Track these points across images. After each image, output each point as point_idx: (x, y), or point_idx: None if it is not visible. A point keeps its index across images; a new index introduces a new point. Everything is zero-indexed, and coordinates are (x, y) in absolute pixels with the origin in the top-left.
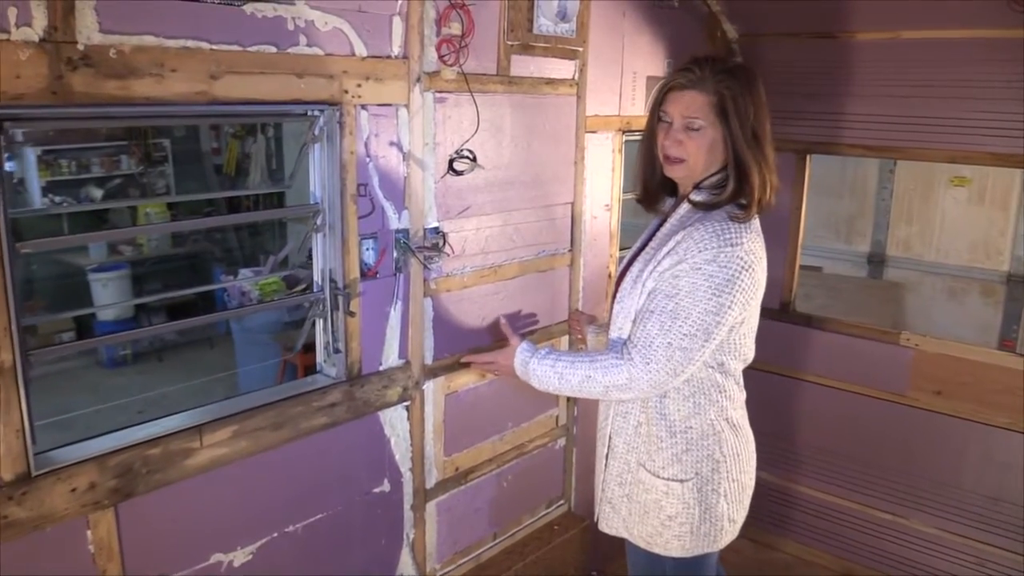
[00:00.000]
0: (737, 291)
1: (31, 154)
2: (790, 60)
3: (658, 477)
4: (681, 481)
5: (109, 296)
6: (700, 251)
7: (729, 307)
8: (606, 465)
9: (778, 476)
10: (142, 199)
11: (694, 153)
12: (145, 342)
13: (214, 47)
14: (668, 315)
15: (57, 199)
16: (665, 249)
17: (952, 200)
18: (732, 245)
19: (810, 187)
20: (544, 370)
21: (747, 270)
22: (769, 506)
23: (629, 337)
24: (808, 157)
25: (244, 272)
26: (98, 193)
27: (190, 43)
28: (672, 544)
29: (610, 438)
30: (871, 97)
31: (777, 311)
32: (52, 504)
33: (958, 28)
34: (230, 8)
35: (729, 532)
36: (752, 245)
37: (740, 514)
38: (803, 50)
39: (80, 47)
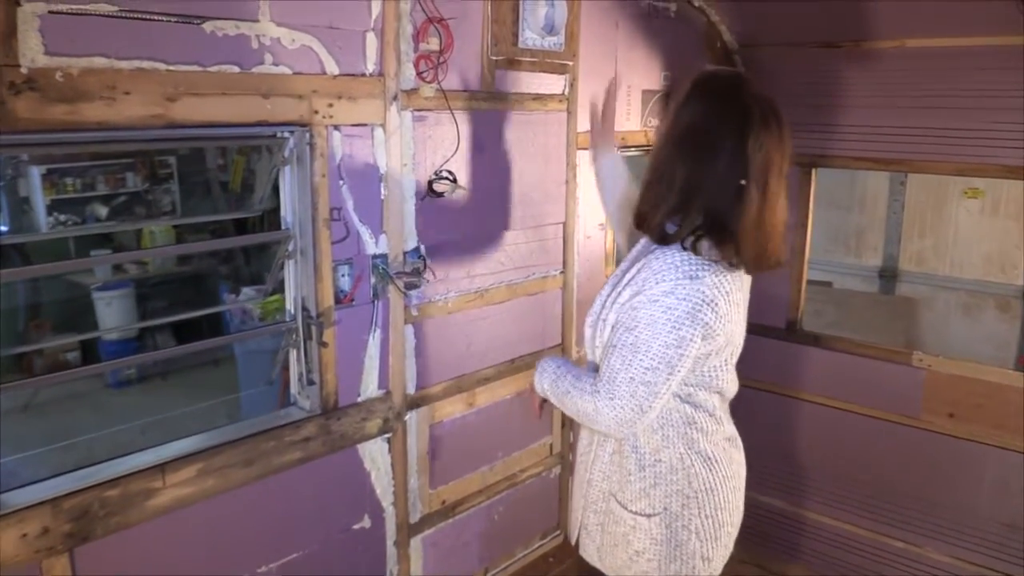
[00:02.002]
0: (698, 325)
1: (36, 172)
2: (793, 71)
3: (627, 510)
4: (648, 516)
5: (113, 314)
6: (657, 283)
7: (690, 340)
8: (586, 491)
9: (787, 501)
10: (147, 219)
11: None
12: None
13: (171, 68)
14: (629, 348)
15: (62, 217)
16: (627, 276)
17: (966, 212)
18: (691, 278)
19: (819, 200)
20: (548, 363)
21: (709, 304)
22: (777, 532)
23: (599, 369)
24: (813, 171)
25: (246, 291)
26: (103, 211)
27: (144, 64)
28: None
29: (592, 464)
30: (877, 108)
31: (784, 330)
32: (2, 551)
33: (967, 36)
34: (188, 26)
35: (703, 571)
36: (716, 279)
37: (717, 552)
38: (806, 60)
39: (23, 70)
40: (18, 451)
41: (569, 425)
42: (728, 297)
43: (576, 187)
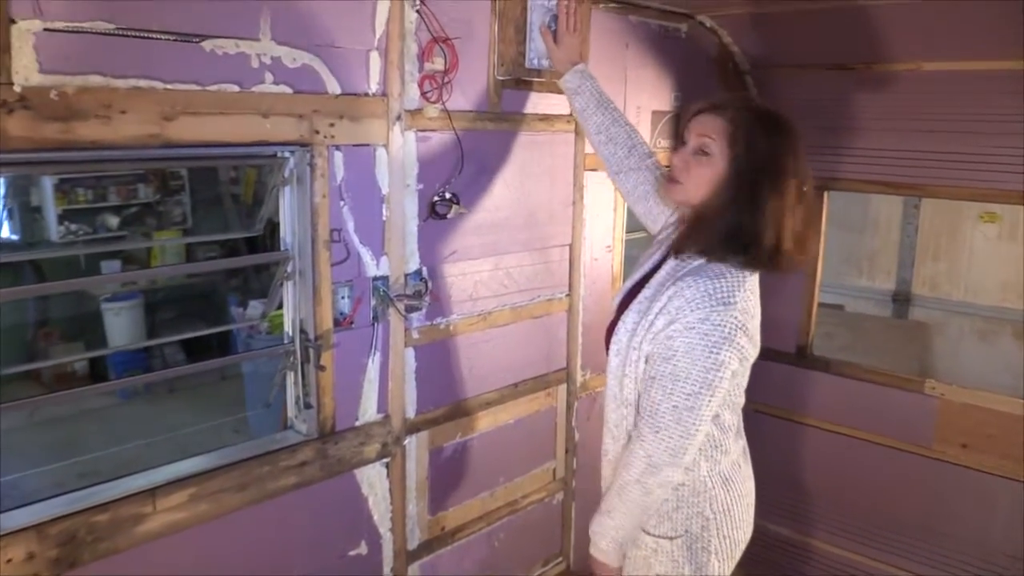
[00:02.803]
0: (734, 348)
1: (48, 183)
2: (805, 93)
3: (648, 534)
4: (671, 539)
5: (122, 325)
6: (692, 310)
7: (728, 363)
8: None
9: (795, 530)
10: (156, 231)
11: (694, 179)
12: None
13: (168, 86)
14: (669, 378)
15: (73, 227)
16: (658, 305)
17: (981, 237)
18: (725, 304)
19: (831, 222)
20: (603, 529)
21: (741, 329)
22: (785, 561)
23: (637, 411)
24: (825, 194)
25: (254, 304)
26: (114, 222)
27: (141, 83)
28: None
29: None
30: (890, 131)
31: (794, 355)
32: None
33: (981, 60)
34: (187, 45)
35: None
36: (745, 304)
37: (731, 569)
38: (819, 82)
39: (16, 89)
40: (25, 464)
41: (572, 451)
42: (753, 321)
43: (583, 208)
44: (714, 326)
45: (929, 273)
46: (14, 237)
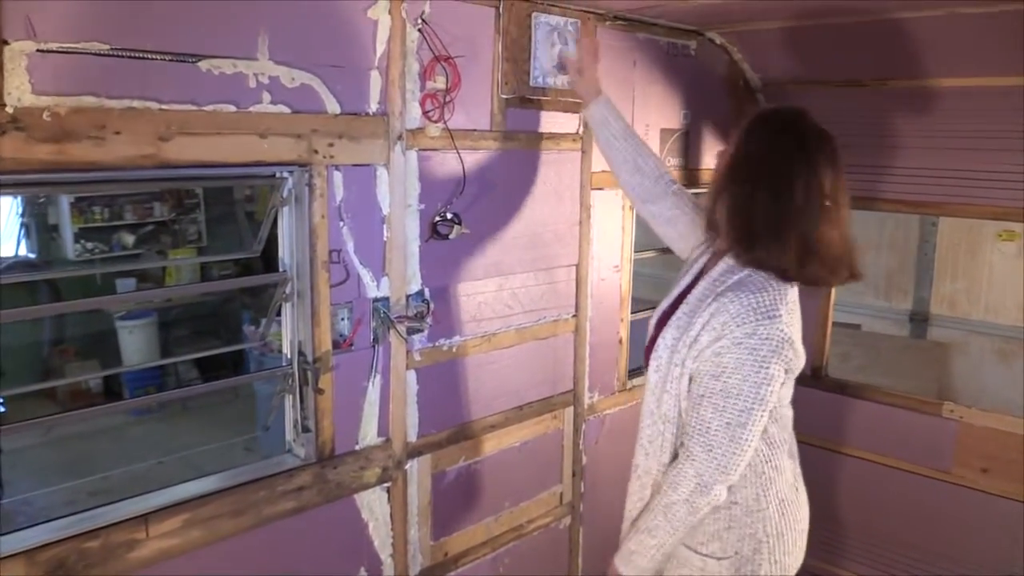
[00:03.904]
0: (781, 361)
1: (64, 201)
2: (819, 110)
3: (696, 552)
4: (719, 559)
5: (136, 343)
6: (738, 325)
7: (776, 376)
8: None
9: (811, 556)
10: (171, 249)
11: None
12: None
13: (164, 107)
14: (719, 395)
15: (89, 245)
16: (700, 321)
17: (1000, 255)
18: (770, 318)
19: None
20: (644, 548)
21: (788, 343)
22: None
23: (685, 432)
24: None
25: (266, 323)
26: (130, 240)
27: (136, 103)
28: None
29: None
30: (907, 149)
31: (809, 377)
32: None
33: (999, 76)
34: (183, 65)
35: None
36: (790, 316)
37: None
38: (832, 99)
39: (9, 110)
40: (39, 482)
41: (579, 474)
42: (797, 330)
43: (590, 228)
44: (762, 340)
45: (947, 292)
46: (31, 255)
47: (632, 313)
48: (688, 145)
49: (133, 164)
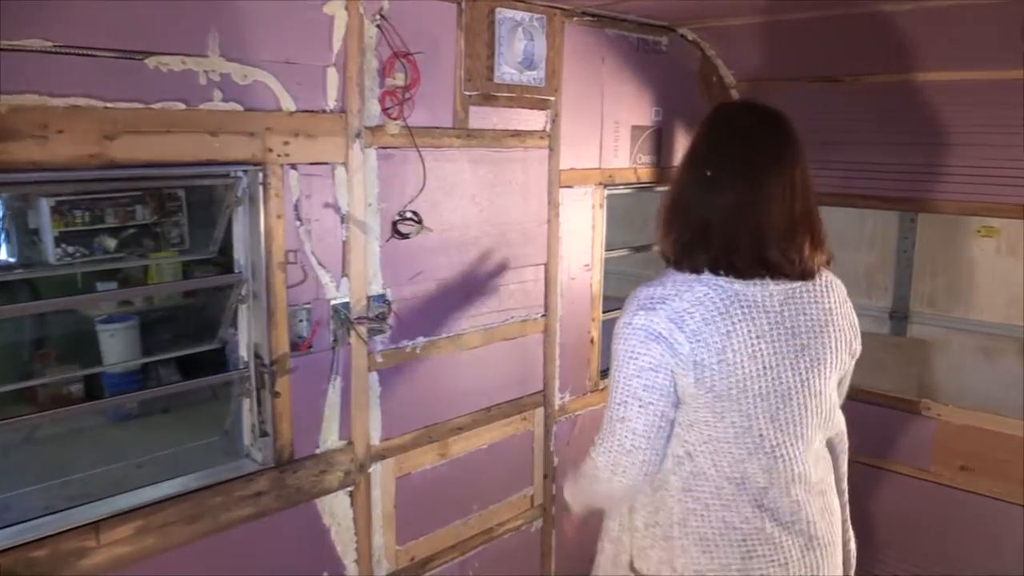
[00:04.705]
0: (650, 354)
1: (45, 204)
2: (793, 106)
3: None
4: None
5: (116, 347)
6: (622, 315)
7: (649, 370)
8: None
9: None
10: (153, 252)
11: None
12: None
13: (109, 105)
14: (611, 386)
15: (70, 249)
16: None
17: (980, 252)
18: (647, 309)
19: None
20: (574, 491)
21: (658, 337)
22: None
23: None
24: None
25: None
26: (112, 243)
27: (80, 101)
28: None
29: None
30: (883, 145)
31: None
32: None
33: (971, 70)
34: (129, 62)
35: None
36: (686, 314)
37: None
38: (806, 95)
39: None
40: (18, 483)
41: (551, 476)
42: (717, 333)
43: (558, 226)
44: (634, 329)
45: (927, 290)
46: (11, 260)
47: (604, 312)
48: (660, 143)
49: (79, 164)
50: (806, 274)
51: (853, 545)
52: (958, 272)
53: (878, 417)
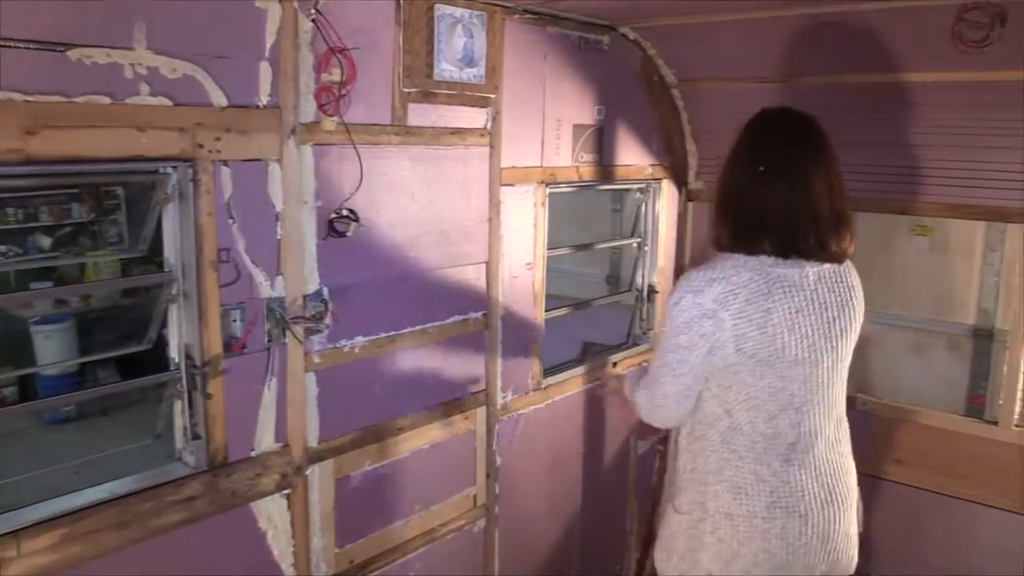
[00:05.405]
0: (694, 331)
1: None
2: (735, 108)
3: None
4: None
5: (52, 349)
6: (670, 295)
7: (687, 346)
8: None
9: None
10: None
11: None
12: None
13: (29, 98)
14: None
15: (2, 248)
16: None
17: (914, 250)
18: (694, 292)
19: None
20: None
21: (707, 316)
22: None
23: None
24: None
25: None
26: (47, 242)
27: None
28: None
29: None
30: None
31: None
32: None
33: (908, 71)
34: (51, 54)
35: None
36: (730, 294)
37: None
38: (749, 97)
39: None
40: None
41: (494, 475)
42: (758, 310)
43: (500, 225)
44: (681, 310)
45: (865, 288)
46: None
47: (547, 311)
48: (602, 141)
49: None
50: (838, 258)
51: (861, 505)
52: (892, 270)
53: None
